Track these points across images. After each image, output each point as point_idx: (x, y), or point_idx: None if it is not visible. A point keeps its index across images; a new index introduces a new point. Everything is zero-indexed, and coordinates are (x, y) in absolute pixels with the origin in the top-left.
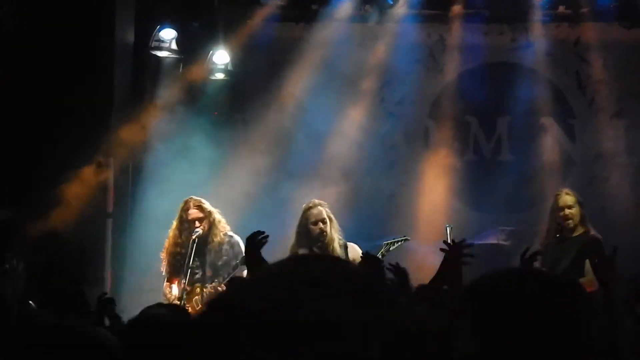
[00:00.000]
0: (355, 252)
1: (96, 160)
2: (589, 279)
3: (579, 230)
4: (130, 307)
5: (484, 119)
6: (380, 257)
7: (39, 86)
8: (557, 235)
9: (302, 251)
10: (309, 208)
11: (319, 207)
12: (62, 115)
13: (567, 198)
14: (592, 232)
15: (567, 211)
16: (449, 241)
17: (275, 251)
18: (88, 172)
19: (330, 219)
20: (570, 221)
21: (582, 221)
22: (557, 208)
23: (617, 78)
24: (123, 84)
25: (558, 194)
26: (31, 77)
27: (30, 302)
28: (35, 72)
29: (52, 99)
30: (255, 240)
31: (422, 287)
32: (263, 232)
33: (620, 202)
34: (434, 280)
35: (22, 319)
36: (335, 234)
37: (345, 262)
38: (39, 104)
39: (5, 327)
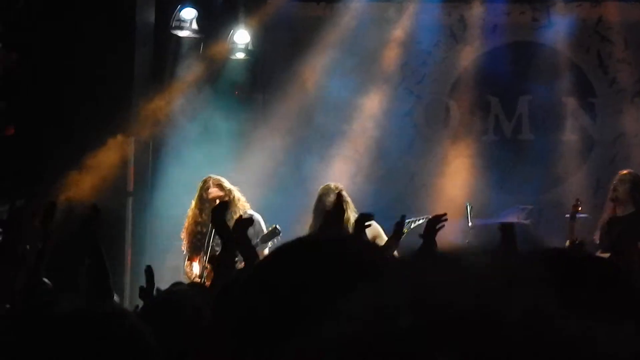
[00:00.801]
0: (375, 230)
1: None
2: None
3: (626, 211)
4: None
5: (505, 99)
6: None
7: (60, 66)
8: (612, 215)
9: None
10: (325, 194)
11: (336, 192)
12: (83, 95)
13: (622, 174)
14: None
15: (615, 184)
16: (469, 220)
17: (296, 230)
18: (108, 151)
19: (347, 203)
20: (615, 193)
21: (635, 202)
22: (613, 181)
23: (638, 58)
24: (144, 64)
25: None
26: (53, 57)
27: (47, 281)
28: (56, 53)
29: (74, 79)
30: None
31: None
32: (227, 204)
33: None
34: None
35: (35, 304)
36: (351, 214)
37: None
38: (61, 85)
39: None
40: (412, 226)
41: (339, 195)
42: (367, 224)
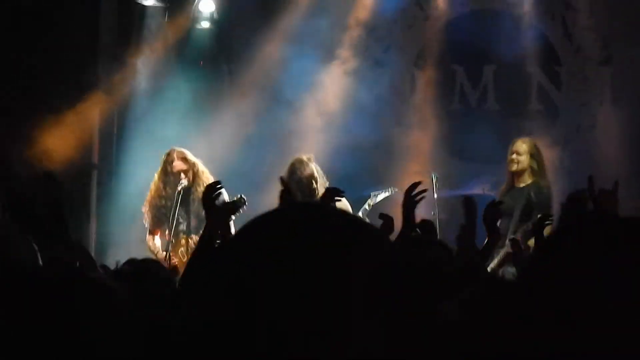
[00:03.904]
0: (343, 205)
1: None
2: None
3: (527, 180)
4: (117, 258)
5: (470, 68)
6: (367, 207)
7: (23, 36)
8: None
9: None
10: (298, 165)
11: (309, 163)
12: (46, 66)
13: (518, 144)
14: (543, 182)
15: (514, 156)
16: (434, 190)
17: (264, 199)
18: (72, 122)
19: (319, 173)
20: (514, 165)
21: (533, 171)
22: (510, 152)
23: (603, 25)
24: (108, 33)
25: (513, 140)
26: (14, 26)
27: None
28: (18, 21)
29: (37, 49)
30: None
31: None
32: (219, 183)
33: (607, 150)
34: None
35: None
36: (321, 188)
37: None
38: (24, 55)
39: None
40: (377, 199)
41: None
42: (336, 199)
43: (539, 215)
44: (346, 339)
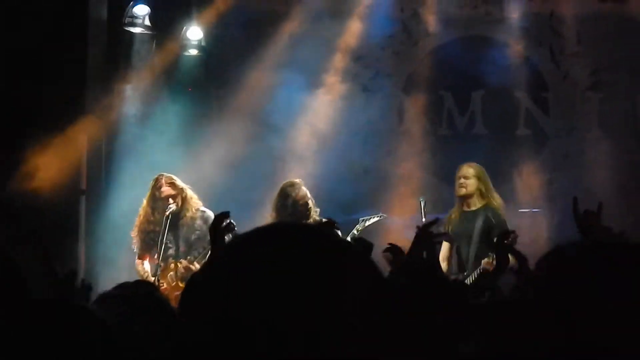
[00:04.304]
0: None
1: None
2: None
3: (478, 204)
4: (105, 285)
5: (458, 93)
6: (356, 232)
7: (11, 63)
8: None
9: None
10: (290, 188)
11: (301, 186)
12: (35, 93)
13: (464, 169)
14: (495, 203)
15: (462, 181)
16: (423, 215)
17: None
18: (61, 149)
19: (310, 197)
20: (463, 189)
21: (481, 195)
22: (456, 177)
23: (591, 51)
24: (96, 60)
25: (460, 166)
26: (2, 54)
27: None
28: (7, 49)
29: (25, 76)
30: (221, 224)
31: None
32: (228, 214)
33: (595, 175)
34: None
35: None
36: (314, 210)
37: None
38: (12, 81)
39: None
40: (365, 224)
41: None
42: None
43: (500, 233)
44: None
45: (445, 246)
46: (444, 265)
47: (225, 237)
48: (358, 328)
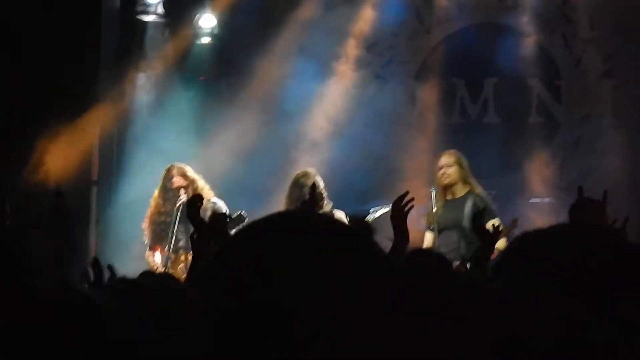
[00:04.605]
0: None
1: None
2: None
3: (462, 191)
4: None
5: (471, 81)
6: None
7: (25, 52)
8: (436, 199)
9: None
10: (303, 179)
11: (315, 176)
12: (48, 81)
13: (445, 157)
14: (478, 190)
15: (443, 170)
16: (434, 205)
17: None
18: (73, 139)
19: (321, 189)
20: (447, 178)
21: (463, 182)
22: (437, 168)
23: (604, 38)
24: (109, 49)
25: (439, 156)
26: (17, 42)
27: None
28: (20, 37)
29: (39, 65)
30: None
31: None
32: (200, 197)
33: (607, 164)
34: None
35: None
36: (326, 201)
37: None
38: (25, 71)
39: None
40: (376, 215)
41: (313, 187)
42: (334, 212)
43: (493, 224)
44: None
45: (429, 237)
46: None
47: (237, 227)
48: (364, 315)
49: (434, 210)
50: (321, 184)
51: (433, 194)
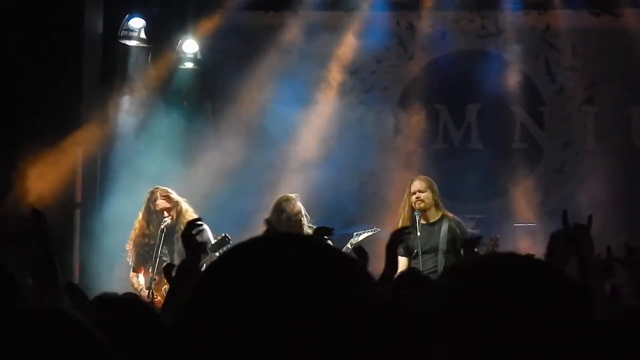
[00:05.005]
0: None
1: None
2: None
3: (436, 216)
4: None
5: (454, 107)
6: (349, 246)
7: (6, 76)
8: (419, 223)
9: None
10: (285, 203)
11: (297, 201)
12: (30, 105)
13: (417, 183)
14: (450, 215)
15: (418, 194)
16: (418, 229)
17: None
18: (56, 161)
19: (304, 213)
20: (421, 203)
21: (436, 206)
22: (409, 193)
23: (586, 65)
24: (92, 73)
25: (410, 182)
26: None
27: None
28: (1, 62)
29: (21, 88)
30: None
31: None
32: (200, 220)
33: (590, 189)
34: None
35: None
36: (306, 224)
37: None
38: (7, 94)
39: None
40: (359, 239)
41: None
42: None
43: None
44: None
45: (402, 261)
46: None
47: (220, 250)
48: (351, 335)
49: (418, 234)
50: (302, 210)
51: (417, 218)
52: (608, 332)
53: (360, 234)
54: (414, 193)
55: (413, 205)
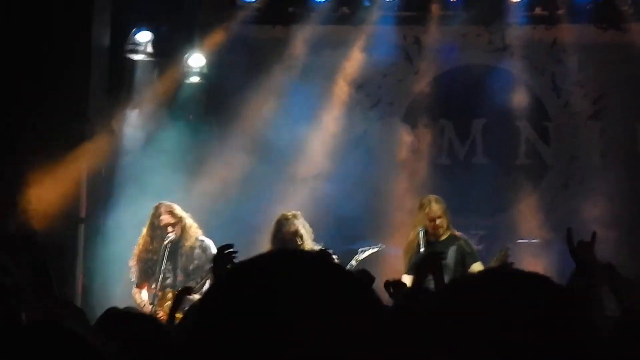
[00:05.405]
0: None
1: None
2: None
3: (444, 234)
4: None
5: (459, 122)
6: (354, 263)
7: (13, 89)
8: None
9: None
10: (283, 222)
11: (294, 220)
12: (36, 119)
13: (435, 208)
14: (458, 233)
15: (437, 221)
16: (421, 245)
17: (251, 253)
18: (61, 176)
19: (305, 229)
20: (440, 229)
21: (447, 225)
22: (428, 218)
23: (592, 80)
24: (99, 87)
25: (426, 204)
26: (5, 81)
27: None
28: (8, 75)
29: (27, 102)
30: (224, 256)
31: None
32: (231, 246)
33: (595, 205)
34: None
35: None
36: (310, 243)
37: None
38: (14, 108)
39: None
40: (364, 255)
41: None
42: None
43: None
44: None
45: (407, 279)
46: None
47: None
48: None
49: (422, 250)
50: (300, 229)
51: (421, 235)
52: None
53: (365, 251)
54: (432, 219)
55: (430, 230)
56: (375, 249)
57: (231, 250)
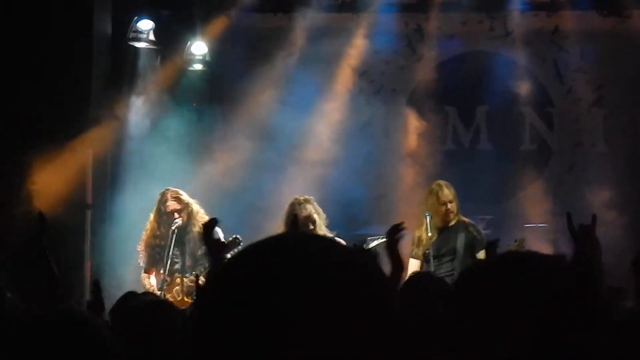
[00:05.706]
0: None
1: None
2: None
3: (453, 220)
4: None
5: (463, 109)
6: None
7: (16, 78)
8: (431, 224)
9: None
10: (296, 206)
11: (306, 205)
12: (40, 107)
13: (447, 193)
14: (466, 219)
15: (449, 206)
16: (429, 230)
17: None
18: (66, 163)
19: (318, 214)
20: (451, 214)
21: (457, 210)
22: (439, 202)
23: (595, 67)
24: (101, 75)
25: (436, 189)
26: (9, 69)
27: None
28: (13, 64)
29: (31, 90)
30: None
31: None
32: (215, 221)
33: (599, 190)
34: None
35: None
36: (324, 228)
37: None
38: (17, 96)
39: None
40: (372, 245)
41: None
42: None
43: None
44: None
45: (414, 264)
46: None
47: (232, 252)
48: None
49: (429, 235)
50: (313, 214)
51: (427, 220)
52: (613, 334)
53: (374, 239)
54: (444, 203)
55: (443, 213)
56: (384, 239)
57: (212, 218)
